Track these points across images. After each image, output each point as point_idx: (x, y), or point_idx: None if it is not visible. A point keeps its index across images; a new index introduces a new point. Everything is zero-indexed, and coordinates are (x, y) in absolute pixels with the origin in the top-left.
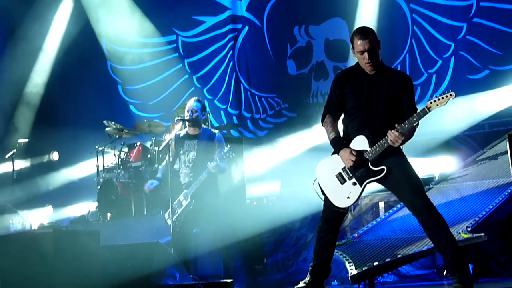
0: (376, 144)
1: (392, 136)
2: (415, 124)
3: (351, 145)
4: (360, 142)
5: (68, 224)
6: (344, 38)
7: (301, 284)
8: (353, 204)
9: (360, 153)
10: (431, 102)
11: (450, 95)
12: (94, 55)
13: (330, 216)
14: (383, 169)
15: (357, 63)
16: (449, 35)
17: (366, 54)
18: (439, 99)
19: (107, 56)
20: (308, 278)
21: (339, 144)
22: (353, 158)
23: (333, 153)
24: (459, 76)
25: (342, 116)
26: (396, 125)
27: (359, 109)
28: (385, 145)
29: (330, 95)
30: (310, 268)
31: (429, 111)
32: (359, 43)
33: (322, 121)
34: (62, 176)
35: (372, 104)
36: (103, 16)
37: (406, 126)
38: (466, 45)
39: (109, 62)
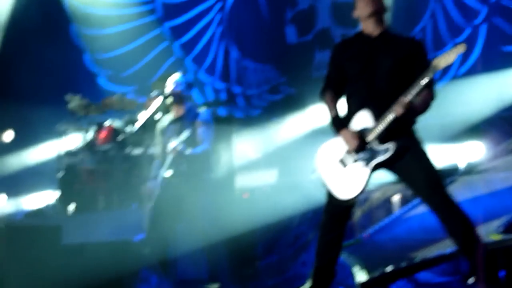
0: (381, 119)
1: (398, 104)
2: (427, 94)
3: (352, 123)
4: (362, 119)
5: (23, 218)
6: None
7: None
8: (360, 193)
9: (363, 133)
10: (437, 60)
11: (460, 47)
12: (56, 16)
13: (335, 210)
14: (389, 147)
15: (360, 30)
16: None
17: (370, 18)
18: (447, 54)
19: (71, 18)
20: (309, 284)
21: (340, 123)
22: (356, 142)
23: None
24: (492, 47)
25: None
26: (402, 95)
27: (361, 79)
28: (391, 118)
29: (329, 67)
30: (311, 272)
31: (437, 69)
32: (363, 5)
33: (322, 97)
34: (16, 161)
35: (376, 74)
36: None
37: (413, 91)
38: (501, 10)
39: (74, 25)
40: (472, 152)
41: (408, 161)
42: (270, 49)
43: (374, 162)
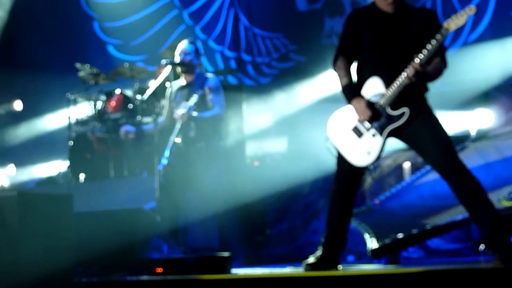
0: (393, 84)
1: (410, 68)
2: (439, 62)
3: (364, 89)
4: (374, 85)
5: (34, 187)
6: None
7: (311, 259)
8: (375, 161)
9: (375, 101)
10: (448, 22)
11: (469, 9)
12: None
13: (345, 177)
14: (404, 112)
15: (373, 1)
16: None
17: None
18: (457, 17)
19: None
20: (320, 252)
21: (352, 92)
22: (368, 113)
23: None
24: (502, 13)
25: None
26: (414, 56)
27: (375, 50)
28: (404, 83)
29: (342, 35)
30: (322, 240)
31: (448, 31)
32: None
33: (334, 65)
34: (27, 130)
35: (390, 45)
36: None
37: (426, 54)
38: None
39: None
40: (483, 119)
41: (420, 128)
42: (279, 17)
43: (389, 128)
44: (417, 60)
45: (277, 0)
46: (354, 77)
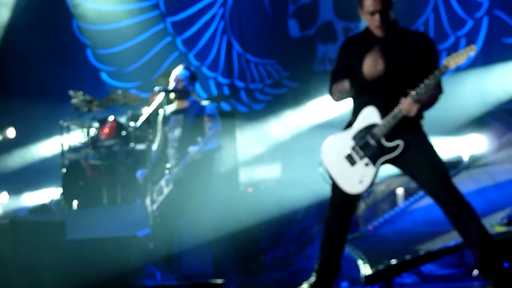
0: (389, 116)
1: (405, 103)
2: (434, 89)
3: (358, 119)
4: (369, 115)
5: (27, 214)
6: None
7: (305, 285)
8: (367, 189)
9: (369, 129)
10: (448, 59)
11: (470, 49)
12: (57, 11)
13: (340, 204)
14: (399, 144)
15: (367, 26)
16: None
17: (377, 15)
18: (457, 55)
19: (73, 13)
20: (314, 278)
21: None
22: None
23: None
24: (494, 39)
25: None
26: (409, 91)
27: (370, 77)
28: (399, 115)
29: (336, 64)
30: (316, 266)
31: (447, 69)
32: (369, 3)
33: (330, 93)
34: (19, 157)
35: (385, 71)
36: None
37: (422, 90)
38: (503, 2)
39: (76, 20)
40: (476, 145)
41: (414, 154)
42: (272, 43)
43: (382, 159)
44: (413, 96)
45: (270, 27)
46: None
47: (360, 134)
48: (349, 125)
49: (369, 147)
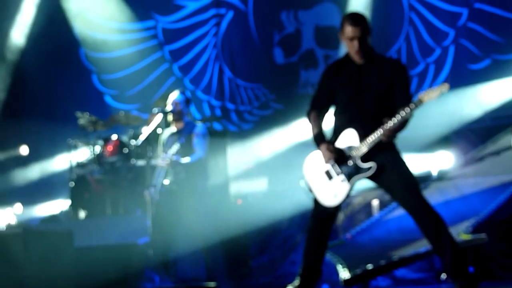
0: (366, 140)
1: (382, 132)
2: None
3: (339, 140)
4: (349, 137)
5: (38, 224)
6: (335, 25)
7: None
8: (340, 203)
9: (347, 151)
10: (422, 94)
11: (444, 86)
12: (66, 41)
13: (321, 215)
14: (372, 167)
15: (346, 52)
16: (448, 21)
17: (355, 41)
18: (432, 91)
19: (80, 43)
20: (297, 282)
21: (320, 139)
22: (328, 156)
23: None
24: (459, 65)
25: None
26: (386, 120)
27: (349, 102)
28: (376, 141)
29: (317, 90)
30: (299, 271)
31: (421, 103)
32: (349, 30)
33: (308, 116)
34: (32, 172)
35: (363, 96)
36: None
37: (397, 120)
38: (467, 32)
39: (83, 49)
40: (443, 161)
41: (389, 171)
42: (259, 69)
43: (356, 178)
44: (390, 125)
45: (257, 54)
46: (326, 126)
47: (339, 153)
48: (330, 143)
49: (346, 165)
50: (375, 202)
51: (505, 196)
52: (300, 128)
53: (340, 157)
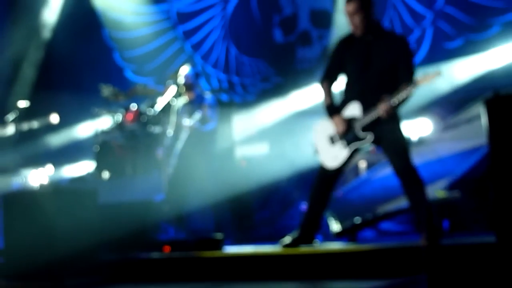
0: (368, 114)
1: (384, 109)
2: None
3: (345, 110)
4: (353, 108)
5: (67, 183)
6: (327, 8)
7: (288, 238)
8: (339, 165)
9: (350, 121)
10: (419, 78)
11: (437, 73)
12: (91, 22)
13: (324, 175)
14: (368, 137)
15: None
16: (427, 5)
17: (353, 17)
18: (428, 75)
19: (103, 24)
20: (298, 232)
21: (331, 111)
22: (341, 128)
23: None
24: (437, 44)
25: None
26: (385, 96)
27: (356, 76)
28: (375, 116)
29: (329, 62)
30: (301, 223)
31: (418, 84)
32: (346, 6)
33: (321, 84)
34: (62, 137)
35: (370, 70)
36: None
37: (398, 100)
38: (443, 15)
39: (106, 29)
40: (422, 127)
41: (385, 138)
42: (261, 47)
43: (354, 145)
44: (392, 103)
45: (260, 34)
46: (337, 95)
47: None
48: (335, 112)
49: (347, 134)
50: (363, 164)
51: (476, 158)
52: (296, 100)
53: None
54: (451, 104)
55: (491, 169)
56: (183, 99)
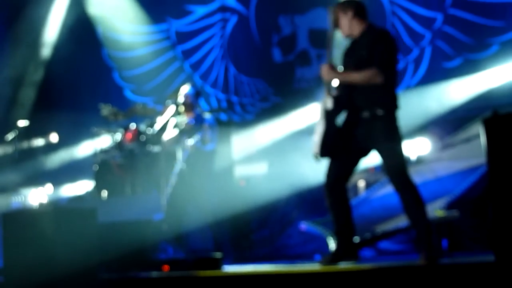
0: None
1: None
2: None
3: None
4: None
5: (66, 203)
6: (326, 28)
7: (328, 255)
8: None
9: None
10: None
11: None
12: (90, 42)
13: (331, 181)
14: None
15: None
16: (425, 25)
17: (337, 24)
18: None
19: (103, 43)
20: (336, 247)
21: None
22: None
23: None
24: (435, 64)
25: None
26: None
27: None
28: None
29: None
30: (334, 238)
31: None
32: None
33: None
34: (61, 157)
35: (347, 68)
36: (100, 5)
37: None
38: (442, 35)
39: (105, 49)
40: (421, 147)
41: (383, 152)
42: (260, 66)
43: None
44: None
45: (258, 53)
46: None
47: None
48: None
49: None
50: (362, 183)
51: (474, 177)
52: (295, 119)
53: None
54: (449, 124)
55: (490, 189)
56: (183, 118)
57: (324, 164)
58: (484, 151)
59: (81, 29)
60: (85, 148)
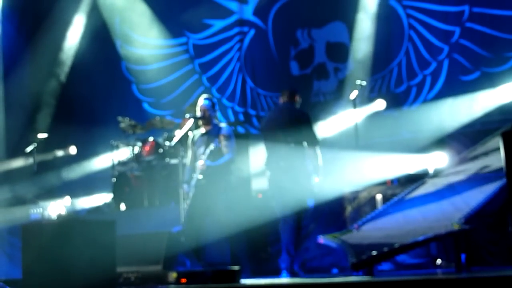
0: None
1: None
2: None
3: None
4: None
5: (85, 214)
6: (344, 41)
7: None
8: None
9: None
10: None
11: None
12: (110, 55)
13: None
14: None
15: None
16: (443, 38)
17: None
18: None
19: (122, 57)
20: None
21: None
22: None
23: None
24: (453, 77)
25: None
26: None
27: None
28: None
29: None
30: None
31: None
32: None
33: None
34: (80, 169)
35: None
36: (118, 19)
37: None
38: (459, 48)
39: (124, 62)
40: (439, 160)
41: None
42: (277, 79)
43: None
44: None
45: (276, 67)
46: None
47: None
48: None
49: None
50: (379, 197)
51: (492, 191)
52: None
53: None
54: (467, 137)
55: (509, 201)
56: (200, 131)
57: (341, 177)
58: (503, 164)
59: (100, 43)
60: (103, 161)
